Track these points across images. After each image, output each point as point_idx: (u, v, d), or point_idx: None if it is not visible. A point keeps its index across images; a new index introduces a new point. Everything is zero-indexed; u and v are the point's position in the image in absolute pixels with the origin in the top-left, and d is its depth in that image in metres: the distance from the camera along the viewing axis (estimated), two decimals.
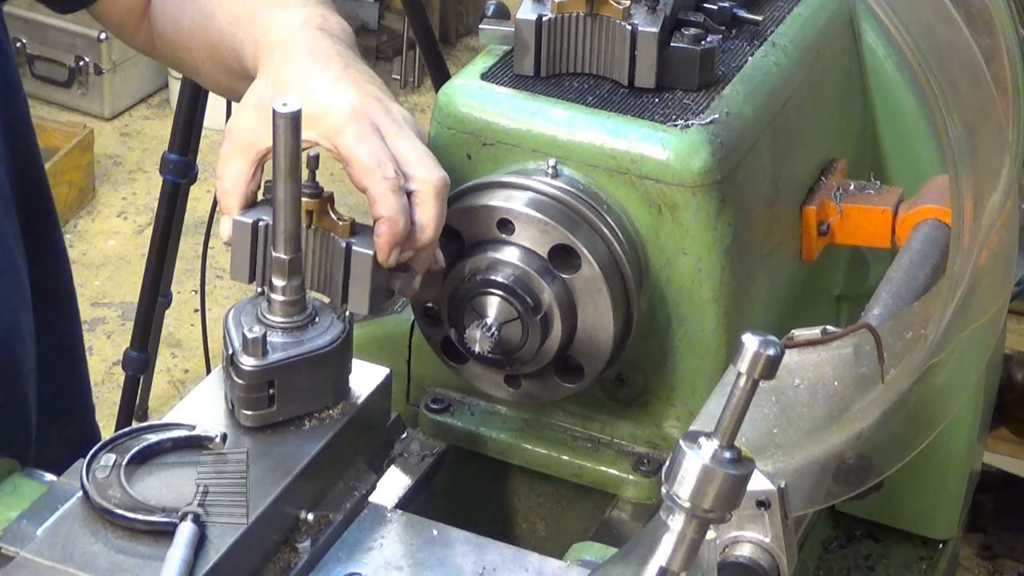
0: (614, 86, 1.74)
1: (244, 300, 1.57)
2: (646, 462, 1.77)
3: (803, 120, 1.88)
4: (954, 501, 2.19)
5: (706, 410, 1.49)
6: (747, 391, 1.23)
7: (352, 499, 1.56)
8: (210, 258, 3.94)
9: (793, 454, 1.47)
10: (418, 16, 4.12)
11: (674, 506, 1.25)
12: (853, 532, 2.21)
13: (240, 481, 1.46)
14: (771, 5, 1.91)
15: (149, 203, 5.07)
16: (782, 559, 1.41)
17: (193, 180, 3.75)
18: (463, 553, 1.54)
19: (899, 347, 1.55)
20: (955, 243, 1.57)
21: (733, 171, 1.69)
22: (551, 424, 1.81)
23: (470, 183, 1.69)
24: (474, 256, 1.67)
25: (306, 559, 1.49)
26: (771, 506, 1.39)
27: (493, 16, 1.79)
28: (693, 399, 1.73)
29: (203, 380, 1.63)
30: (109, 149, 5.49)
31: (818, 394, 1.50)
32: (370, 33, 5.93)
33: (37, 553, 1.39)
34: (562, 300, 1.65)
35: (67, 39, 5.53)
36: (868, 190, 1.93)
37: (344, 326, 1.55)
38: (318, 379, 1.55)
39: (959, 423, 2.10)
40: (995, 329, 1.68)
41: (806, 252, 1.92)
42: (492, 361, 1.68)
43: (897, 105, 2.06)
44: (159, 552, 1.38)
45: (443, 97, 1.75)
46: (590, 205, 1.66)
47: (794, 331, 1.54)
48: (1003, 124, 1.63)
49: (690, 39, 1.73)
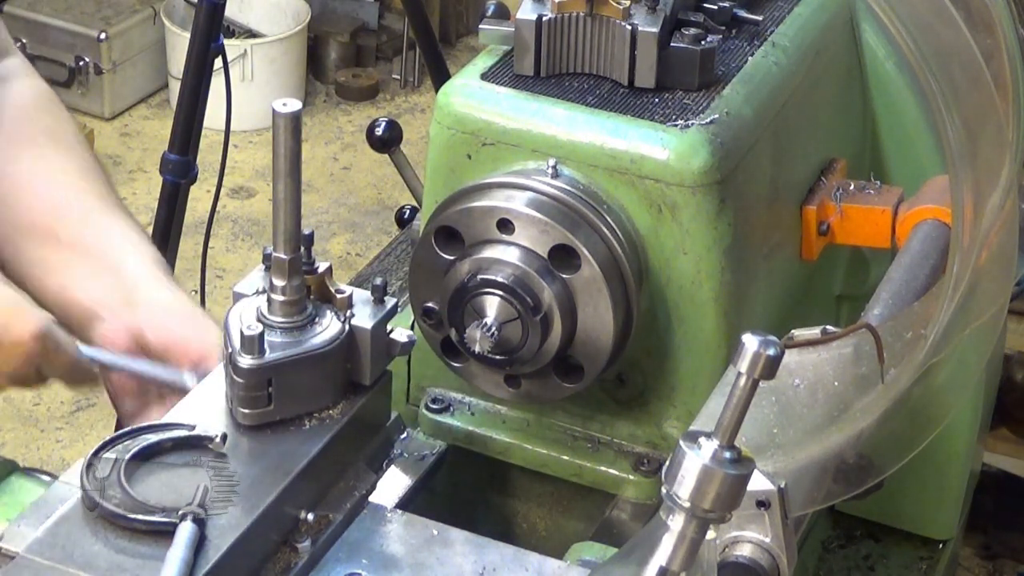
0: (614, 86, 1.74)
1: (245, 300, 1.57)
2: (646, 462, 1.77)
3: (803, 120, 1.88)
4: (954, 501, 2.19)
5: (706, 410, 1.49)
6: (747, 391, 1.23)
7: (352, 499, 1.56)
8: (210, 258, 3.94)
9: (793, 454, 1.47)
10: (418, 16, 4.12)
11: (674, 506, 1.25)
12: (853, 532, 2.21)
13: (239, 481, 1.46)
14: (771, 5, 1.91)
15: (149, 203, 5.07)
16: (782, 559, 1.41)
17: (193, 180, 3.74)
18: (463, 553, 1.54)
19: (899, 347, 1.55)
20: (955, 243, 1.57)
21: (733, 171, 1.69)
22: (551, 424, 1.81)
23: (470, 183, 1.69)
24: (474, 256, 1.67)
25: (306, 559, 1.49)
26: (771, 506, 1.39)
27: (493, 16, 1.79)
28: (693, 399, 1.73)
29: (203, 380, 1.63)
30: (109, 149, 5.49)
31: (818, 394, 1.50)
32: (370, 33, 5.93)
33: (37, 553, 1.39)
34: (562, 300, 1.65)
35: (67, 39, 5.53)
36: (868, 190, 1.93)
37: (343, 327, 1.55)
38: (317, 379, 1.55)
39: (959, 423, 2.10)
40: (995, 329, 1.68)
41: (806, 252, 1.92)
42: (492, 361, 1.68)
43: (897, 105, 2.06)
44: (159, 552, 1.38)
45: (443, 97, 1.75)
46: (590, 205, 1.66)
47: (794, 331, 1.54)
48: (1003, 124, 1.63)
49: (690, 39, 1.73)
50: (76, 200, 1.86)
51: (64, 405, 4.34)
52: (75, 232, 1.83)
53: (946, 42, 1.57)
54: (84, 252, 1.81)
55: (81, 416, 4.33)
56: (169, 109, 5.52)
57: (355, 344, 1.57)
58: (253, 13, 5.75)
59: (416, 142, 4.52)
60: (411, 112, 5.79)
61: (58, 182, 1.88)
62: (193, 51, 3.50)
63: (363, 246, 5.04)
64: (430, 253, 1.69)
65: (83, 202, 1.87)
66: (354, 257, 4.98)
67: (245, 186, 5.35)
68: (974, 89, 1.59)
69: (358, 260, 4.91)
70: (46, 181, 1.87)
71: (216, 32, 3.50)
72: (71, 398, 4.33)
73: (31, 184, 1.87)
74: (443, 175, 1.74)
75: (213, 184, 3.77)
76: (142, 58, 5.69)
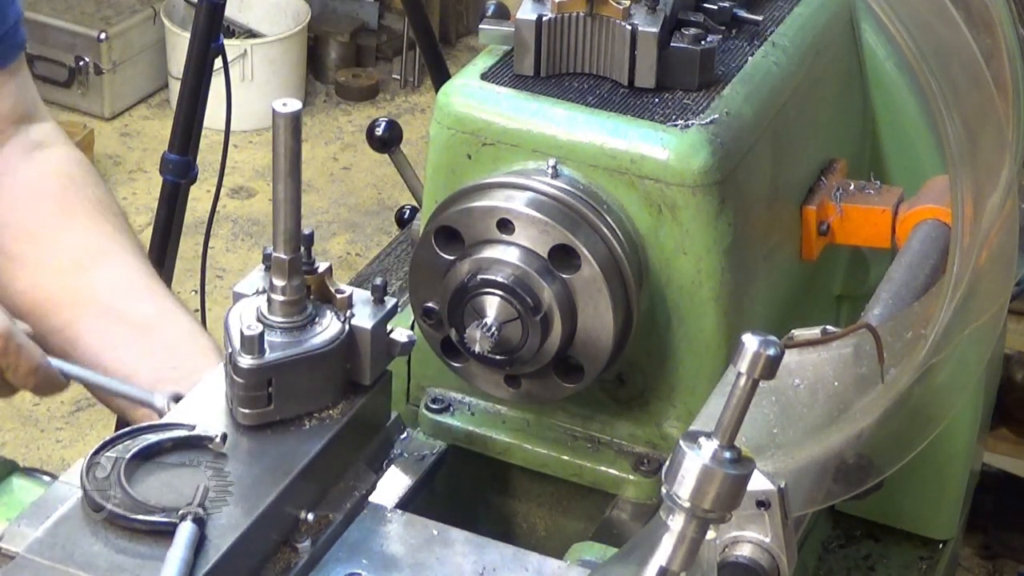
0: (614, 86, 1.74)
1: (245, 300, 1.57)
2: (646, 462, 1.77)
3: (803, 120, 1.88)
4: (954, 501, 2.19)
5: (706, 410, 1.49)
6: (747, 391, 1.23)
7: (352, 499, 1.56)
8: (210, 258, 3.94)
9: (793, 454, 1.47)
10: (418, 16, 4.12)
11: (674, 506, 1.25)
12: (853, 532, 2.21)
13: (239, 481, 1.46)
14: (771, 5, 1.91)
15: (149, 203, 5.07)
16: (782, 559, 1.41)
17: (193, 180, 3.74)
18: (463, 553, 1.54)
19: (899, 347, 1.55)
20: (955, 243, 1.57)
21: (733, 171, 1.69)
22: (551, 424, 1.81)
23: (470, 183, 1.69)
24: (474, 256, 1.66)
25: (306, 559, 1.49)
26: (771, 506, 1.39)
27: (493, 16, 1.79)
28: (693, 399, 1.73)
29: (203, 380, 1.63)
30: (109, 149, 5.49)
31: (818, 394, 1.50)
32: (370, 33, 5.93)
33: (37, 553, 1.39)
34: (562, 300, 1.65)
35: (67, 39, 5.53)
36: (868, 190, 1.93)
37: (343, 327, 1.55)
38: (317, 379, 1.55)
39: (959, 423, 2.10)
40: (995, 329, 1.68)
41: (806, 252, 1.92)
42: (492, 361, 1.68)
43: (897, 105, 2.06)
44: (159, 552, 1.38)
45: (443, 97, 1.75)
46: (590, 205, 1.66)
47: (794, 331, 1.54)
48: (1003, 124, 1.63)
49: (690, 39, 1.73)
50: (137, 281, 1.90)
51: (64, 405, 4.34)
52: (138, 311, 1.86)
53: (946, 42, 1.57)
54: (145, 331, 1.84)
55: (81, 416, 4.33)
56: (169, 109, 5.52)
57: (355, 344, 1.57)
58: (253, 13, 5.75)
59: (416, 142, 4.52)
60: (411, 112, 5.79)
61: (118, 261, 1.91)
62: (193, 51, 3.50)
63: (363, 246, 5.04)
64: (430, 253, 1.69)
65: (144, 283, 1.90)
66: (354, 257, 4.98)
67: (245, 186, 5.35)
68: (974, 89, 1.59)
69: (358, 260, 4.91)
70: (106, 256, 1.91)
71: (216, 32, 3.50)
72: (71, 398, 4.33)
73: (93, 259, 1.90)
74: (443, 175, 1.74)
75: (213, 184, 3.77)
76: (142, 58, 5.69)
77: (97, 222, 1.92)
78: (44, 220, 1.91)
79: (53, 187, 1.95)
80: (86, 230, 1.91)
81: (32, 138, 1.99)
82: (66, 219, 1.92)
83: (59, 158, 1.99)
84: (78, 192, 1.95)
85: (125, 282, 1.89)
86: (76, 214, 1.92)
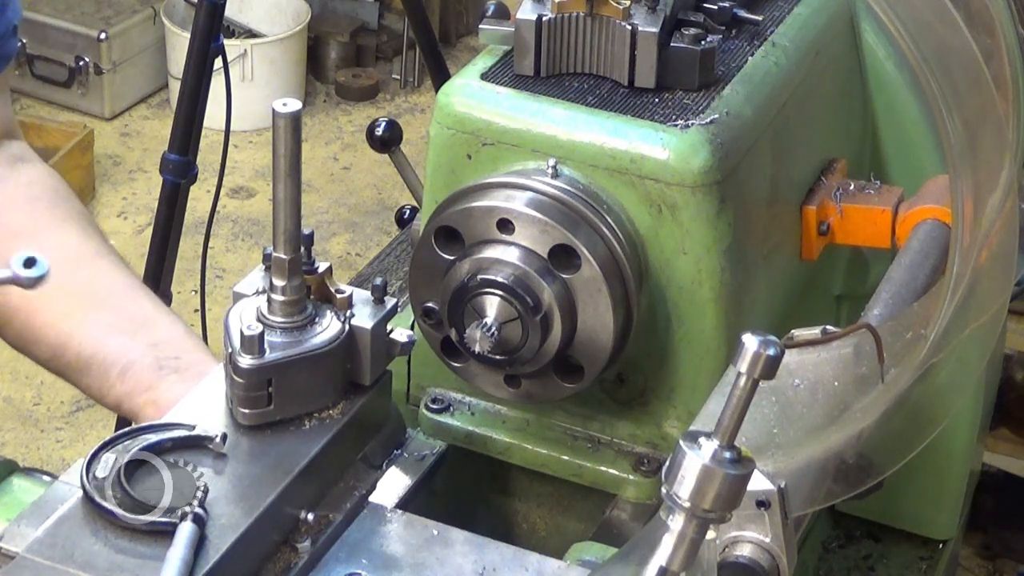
0: (614, 86, 1.74)
1: (245, 299, 1.58)
2: (646, 462, 1.77)
3: (803, 120, 1.88)
4: (954, 501, 2.19)
5: (706, 410, 1.49)
6: (747, 391, 1.23)
7: (352, 499, 1.57)
8: (210, 258, 3.94)
9: (793, 454, 1.47)
10: (418, 16, 4.13)
11: (674, 506, 1.25)
12: (853, 532, 2.21)
13: (240, 481, 1.46)
14: (771, 5, 1.91)
15: (149, 203, 5.08)
16: (782, 559, 1.41)
17: (193, 180, 3.75)
18: (463, 553, 1.54)
19: (899, 347, 1.55)
20: (955, 243, 1.57)
21: (733, 171, 1.69)
22: (551, 424, 1.81)
23: (470, 183, 1.69)
24: (474, 256, 1.67)
25: (306, 559, 1.49)
26: (771, 506, 1.39)
27: (493, 16, 1.79)
28: (693, 399, 1.73)
29: (203, 380, 1.63)
30: (109, 149, 5.49)
31: (818, 394, 1.50)
32: (370, 33, 5.93)
33: (37, 553, 1.39)
34: (562, 300, 1.65)
35: (67, 39, 5.54)
36: (868, 190, 1.93)
37: (343, 327, 1.55)
38: (317, 379, 1.55)
39: (959, 423, 2.10)
40: (995, 329, 1.68)
41: (806, 252, 1.92)
42: (492, 361, 1.68)
43: (897, 105, 2.06)
44: (159, 552, 1.38)
45: (443, 97, 1.75)
46: (590, 205, 1.66)
47: (794, 331, 1.54)
48: (1003, 124, 1.63)
49: (690, 39, 1.73)
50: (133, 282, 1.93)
51: (64, 405, 4.34)
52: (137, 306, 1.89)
53: (946, 42, 1.57)
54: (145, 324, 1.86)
55: (81, 416, 4.33)
56: (169, 109, 5.53)
57: (355, 344, 1.57)
58: (253, 13, 5.76)
59: (416, 142, 4.53)
60: (411, 112, 5.80)
61: (113, 261, 1.94)
62: (193, 51, 3.51)
63: (363, 246, 5.04)
64: (430, 253, 1.69)
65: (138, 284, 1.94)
66: (354, 257, 4.99)
67: (245, 186, 5.35)
68: (974, 89, 1.59)
69: (358, 260, 4.92)
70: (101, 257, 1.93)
71: (216, 32, 3.50)
72: (71, 398, 4.34)
73: (90, 258, 1.92)
74: (443, 175, 1.74)
75: (213, 184, 3.78)
76: (142, 58, 5.70)
77: (86, 229, 1.96)
78: (39, 221, 1.93)
79: (43, 194, 1.98)
80: (81, 231, 1.94)
81: (14, 152, 2.02)
82: (60, 222, 1.94)
83: (40, 172, 2.02)
84: (65, 203, 1.99)
85: (123, 281, 1.90)
86: (68, 219, 1.95)
